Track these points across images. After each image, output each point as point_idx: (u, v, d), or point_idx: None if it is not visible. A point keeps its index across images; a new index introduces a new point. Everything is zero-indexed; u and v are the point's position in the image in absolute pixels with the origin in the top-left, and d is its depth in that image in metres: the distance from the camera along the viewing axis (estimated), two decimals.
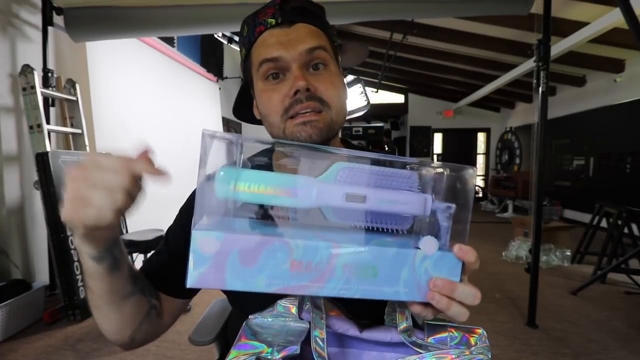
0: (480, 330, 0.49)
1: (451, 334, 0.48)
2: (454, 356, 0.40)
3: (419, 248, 0.40)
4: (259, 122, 0.65)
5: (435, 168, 0.42)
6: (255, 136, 0.42)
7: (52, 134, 2.38)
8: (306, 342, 0.49)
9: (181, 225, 0.62)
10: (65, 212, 0.36)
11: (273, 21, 0.54)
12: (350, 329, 0.49)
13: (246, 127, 5.69)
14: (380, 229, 0.41)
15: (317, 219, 0.41)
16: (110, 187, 0.36)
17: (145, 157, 0.39)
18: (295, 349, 0.49)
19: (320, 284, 0.37)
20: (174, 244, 0.60)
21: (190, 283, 0.35)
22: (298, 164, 0.60)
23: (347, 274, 0.37)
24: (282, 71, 0.54)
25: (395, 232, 0.42)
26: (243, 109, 0.67)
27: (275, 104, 0.54)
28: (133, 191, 0.38)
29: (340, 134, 0.65)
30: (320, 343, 0.48)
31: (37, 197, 2.31)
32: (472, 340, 0.48)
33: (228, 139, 0.38)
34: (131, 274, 0.50)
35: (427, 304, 0.41)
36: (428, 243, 0.40)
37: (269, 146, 0.58)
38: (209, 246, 0.35)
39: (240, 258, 0.35)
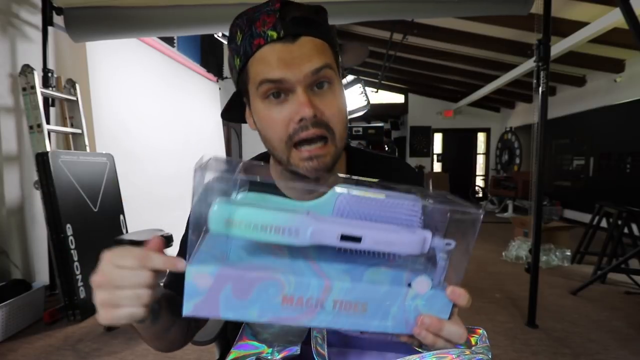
0: (480, 331, 0.49)
1: None
2: (454, 356, 0.40)
3: (411, 284, 0.40)
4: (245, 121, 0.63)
5: (441, 202, 0.41)
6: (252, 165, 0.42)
7: (52, 134, 2.38)
8: (306, 342, 0.49)
9: None
10: (102, 318, 0.38)
11: (274, 34, 0.49)
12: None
13: (245, 127, 5.69)
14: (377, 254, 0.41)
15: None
16: (135, 287, 0.37)
17: (159, 249, 0.40)
18: (296, 349, 0.49)
19: (310, 316, 0.38)
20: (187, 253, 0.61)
21: (185, 312, 0.36)
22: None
23: (337, 309, 0.38)
24: (284, 92, 0.51)
25: (391, 256, 0.42)
26: (234, 112, 0.64)
27: (279, 129, 0.51)
28: (155, 282, 0.39)
29: None
30: (321, 342, 0.48)
31: (37, 197, 2.31)
32: (473, 340, 0.48)
33: (221, 173, 0.38)
34: (170, 311, 0.50)
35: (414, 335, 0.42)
36: (421, 283, 0.40)
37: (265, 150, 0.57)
38: (202, 281, 0.36)
39: (233, 292, 0.36)
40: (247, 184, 0.42)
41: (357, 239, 0.38)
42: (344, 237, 0.38)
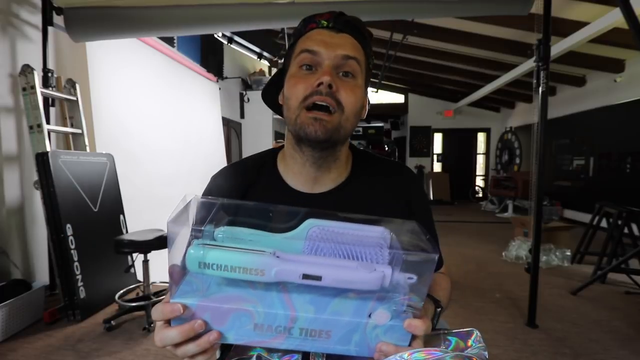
0: (475, 333, 0.50)
1: (446, 342, 0.49)
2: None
3: (371, 316, 0.43)
4: (279, 111, 0.69)
5: (406, 239, 0.46)
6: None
7: (52, 134, 2.38)
8: None
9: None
10: None
11: (325, 23, 0.62)
12: None
13: (246, 127, 5.69)
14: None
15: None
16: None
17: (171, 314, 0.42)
18: (296, 357, 0.50)
19: (280, 340, 0.43)
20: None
21: None
22: (301, 170, 0.65)
23: (304, 335, 0.43)
24: (315, 65, 0.60)
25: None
26: (271, 96, 0.72)
27: (299, 90, 0.59)
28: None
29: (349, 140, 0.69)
30: (320, 355, 0.49)
31: (37, 197, 2.31)
32: (469, 343, 0.49)
33: (194, 231, 0.43)
34: None
35: None
36: (380, 315, 0.43)
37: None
38: (185, 311, 0.42)
39: (212, 320, 0.42)
40: (226, 218, 0.48)
41: (318, 278, 0.42)
42: (305, 276, 0.42)
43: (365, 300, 0.44)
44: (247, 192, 0.67)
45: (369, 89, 0.72)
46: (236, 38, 4.47)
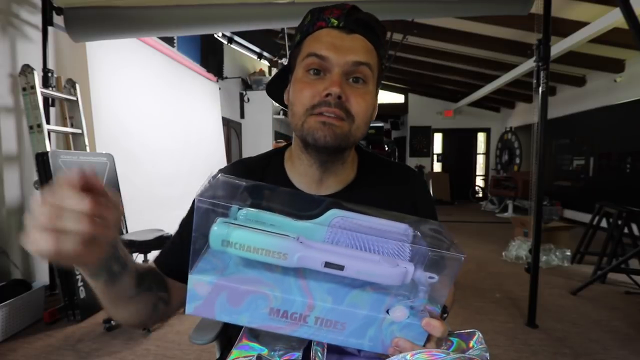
0: (477, 335, 0.50)
1: (448, 342, 0.49)
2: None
3: (389, 312, 0.42)
4: (285, 105, 0.67)
5: (430, 238, 0.44)
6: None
7: (52, 134, 2.38)
8: (308, 347, 0.49)
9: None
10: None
11: (335, 22, 0.57)
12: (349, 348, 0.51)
13: (245, 127, 5.69)
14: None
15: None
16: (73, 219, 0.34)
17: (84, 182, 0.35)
18: (297, 355, 0.50)
19: (294, 328, 0.42)
20: (187, 234, 0.61)
21: (187, 312, 0.43)
22: (309, 169, 0.64)
23: (319, 324, 0.42)
24: (324, 70, 0.56)
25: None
26: (277, 89, 0.69)
27: (305, 97, 0.56)
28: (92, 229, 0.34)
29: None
30: (320, 356, 0.49)
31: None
32: (471, 344, 0.49)
33: (222, 208, 0.42)
34: (135, 279, 0.50)
35: None
36: (398, 312, 0.42)
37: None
38: (202, 288, 0.41)
39: (228, 300, 0.41)
40: (249, 200, 0.46)
41: (340, 267, 0.41)
42: (328, 265, 0.41)
43: (384, 295, 0.43)
44: None
45: None
46: (236, 38, 4.47)
